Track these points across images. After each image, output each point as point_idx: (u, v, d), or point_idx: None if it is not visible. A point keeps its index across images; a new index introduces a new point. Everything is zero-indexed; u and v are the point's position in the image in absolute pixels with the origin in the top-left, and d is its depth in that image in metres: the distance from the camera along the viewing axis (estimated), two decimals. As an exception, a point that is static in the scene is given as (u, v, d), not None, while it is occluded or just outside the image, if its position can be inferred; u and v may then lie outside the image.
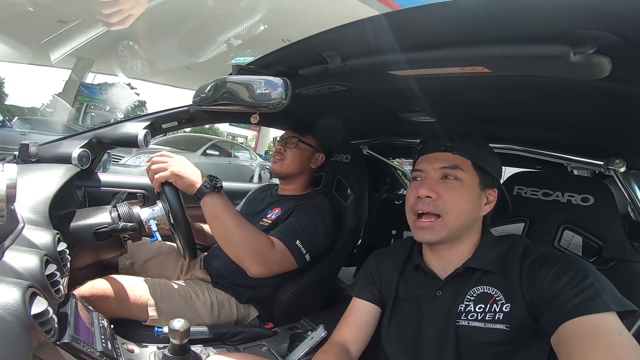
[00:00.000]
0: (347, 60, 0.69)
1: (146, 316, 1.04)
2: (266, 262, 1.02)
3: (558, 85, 0.69)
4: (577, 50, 0.47)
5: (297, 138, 1.34)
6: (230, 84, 0.80)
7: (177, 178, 0.97)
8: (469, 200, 0.76)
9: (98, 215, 1.01)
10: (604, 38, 0.44)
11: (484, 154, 0.80)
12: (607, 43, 0.45)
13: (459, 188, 0.76)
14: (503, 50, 0.50)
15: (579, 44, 0.46)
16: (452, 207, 0.75)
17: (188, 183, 0.97)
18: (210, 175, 1.00)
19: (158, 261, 1.33)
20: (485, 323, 0.70)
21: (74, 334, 0.64)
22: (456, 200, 0.75)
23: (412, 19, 0.52)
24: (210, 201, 0.98)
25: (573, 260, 0.68)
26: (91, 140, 1.26)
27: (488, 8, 0.45)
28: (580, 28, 0.44)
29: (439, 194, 0.75)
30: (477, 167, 0.78)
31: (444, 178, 0.77)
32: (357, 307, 0.88)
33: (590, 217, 0.92)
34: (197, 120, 1.40)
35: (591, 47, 0.46)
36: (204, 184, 0.97)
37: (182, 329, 0.76)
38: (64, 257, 0.76)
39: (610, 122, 0.81)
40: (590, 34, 0.44)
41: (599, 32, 0.44)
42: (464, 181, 0.76)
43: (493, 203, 0.80)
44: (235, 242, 1.00)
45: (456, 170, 0.77)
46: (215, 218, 0.99)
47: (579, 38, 0.46)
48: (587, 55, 0.47)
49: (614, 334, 0.56)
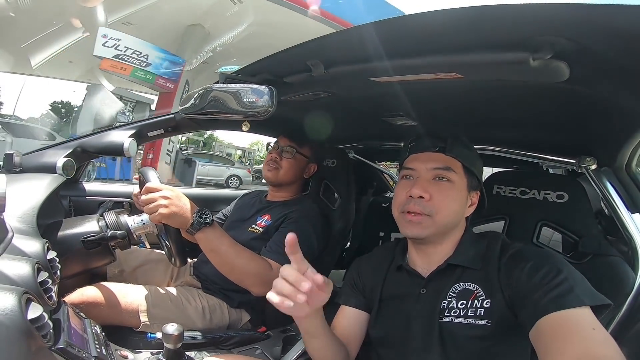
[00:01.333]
0: (330, 68, 0.71)
1: (138, 322, 1.04)
2: (266, 283, 1.02)
3: (528, 88, 0.73)
4: (535, 55, 0.51)
5: (294, 149, 1.35)
6: (217, 92, 0.82)
7: (167, 220, 0.96)
8: (457, 202, 0.78)
9: (86, 224, 1.01)
10: (560, 44, 0.48)
11: (472, 157, 0.83)
12: (563, 48, 0.49)
13: (450, 189, 0.77)
14: (471, 57, 0.54)
15: (536, 50, 0.50)
16: (442, 208, 0.76)
17: (178, 222, 0.96)
18: (199, 211, 0.97)
19: (147, 268, 1.32)
20: (468, 319, 0.71)
21: (69, 339, 0.64)
22: (447, 201, 0.77)
23: (389, 29, 0.55)
24: (203, 236, 0.98)
25: (547, 255, 0.70)
26: (75, 149, 1.25)
27: (457, 19, 0.48)
28: (537, 35, 0.48)
29: (431, 194, 0.76)
30: (466, 170, 0.80)
31: (436, 179, 0.78)
32: (345, 313, 0.89)
33: (566, 214, 0.97)
34: (183, 128, 1.41)
35: (548, 52, 0.50)
36: (194, 222, 0.96)
37: (176, 333, 0.77)
38: (54, 265, 0.76)
39: (579, 122, 0.86)
40: (547, 40, 0.49)
41: (555, 39, 0.48)
42: (455, 183, 0.78)
43: (475, 205, 0.83)
44: (234, 269, 1.03)
45: (449, 171, 0.78)
46: (210, 250, 1.01)
47: (536, 44, 0.50)
48: (545, 60, 0.51)
49: (588, 329, 0.57)
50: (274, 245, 1.14)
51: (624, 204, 0.92)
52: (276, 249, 1.12)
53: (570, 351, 0.55)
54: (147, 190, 0.96)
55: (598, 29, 0.45)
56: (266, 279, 1.04)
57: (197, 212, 0.97)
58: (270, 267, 1.07)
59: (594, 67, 0.55)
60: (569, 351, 0.55)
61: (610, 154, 0.90)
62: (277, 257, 1.10)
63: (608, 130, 0.84)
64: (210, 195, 2.04)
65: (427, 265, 0.81)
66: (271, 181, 1.37)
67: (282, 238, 1.15)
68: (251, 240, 1.26)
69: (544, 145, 1.08)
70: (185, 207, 0.96)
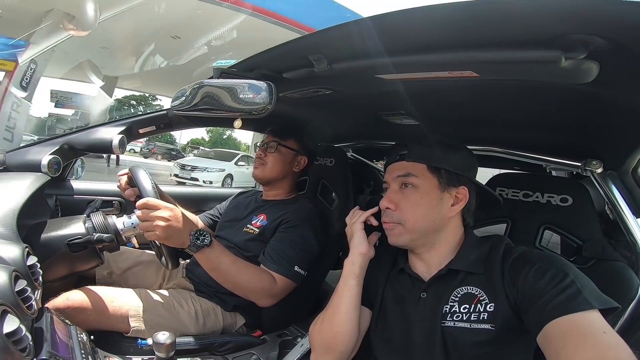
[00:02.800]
0: (334, 64, 0.68)
1: (128, 327, 1.00)
2: (272, 295, 1.07)
3: (539, 88, 0.71)
4: (568, 55, 0.47)
5: (276, 142, 1.32)
6: (211, 88, 0.77)
7: (162, 240, 0.94)
8: (425, 205, 0.77)
9: (71, 226, 0.96)
10: (594, 43, 0.45)
11: (438, 155, 0.80)
12: (597, 48, 0.46)
13: (414, 194, 0.78)
14: (493, 54, 0.50)
15: (570, 49, 0.47)
16: (408, 215, 0.77)
17: (174, 244, 0.95)
18: (196, 232, 0.95)
19: (138, 271, 1.28)
20: (471, 323, 0.70)
21: (52, 349, 0.61)
22: (412, 207, 0.77)
23: (401, 22, 0.51)
24: (202, 256, 0.98)
25: (553, 258, 0.69)
26: (62, 146, 1.20)
27: (479, 12, 0.45)
28: (572, 33, 0.45)
29: (397, 203, 0.78)
30: (433, 169, 0.78)
31: (403, 187, 0.80)
32: None
33: (570, 217, 0.95)
34: (176, 125, 1.36)
35: (582, 52, 0.47)
36: (190, 246, 0.95)
37: (168, 342, 0.73)
38: (35, 271, 0.72)
39: (589, 125, 0.84)
40: (581, 39, 0.45)
41: (590, 37, 0.44)
42: (419, 187, 0.78)
43: (464, 201, 0.79)
44: (237, 286, 1.04)
45: (409, 177, 0.78)
46: (211, 269, 1.01)
47: (570, 43, 0.46)
48: (578, 60, 0.48)
49: (599, 332, 0.57)
50: (275, 254, 1.13)
51: (629, 208, 0.91)
52: (278, 260, 1.12)
53: (582, 355, 0.55)
54: (146, 206, 0.92)
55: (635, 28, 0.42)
56: (271, 292, 1.07)
57: (193, 234, 0.95)
58: (274, 280, 1.08)
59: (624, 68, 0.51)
60: (580, 355, 0.55)
61: (618, 158, 0.88)
62: (279, 268, 1.10)
63: (619, 133, 0.81)
64: (202, 194, 1.98)
65: (426, 269, 0.80)
66: (259, 178, 1.34)
67: (282, 246, 1.15)
68: (247, 241, 1.23)
69: (549, 147, 1.06)
70: (182, 229, 0.94)
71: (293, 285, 1.12)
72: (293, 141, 1.35)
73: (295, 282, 1.13)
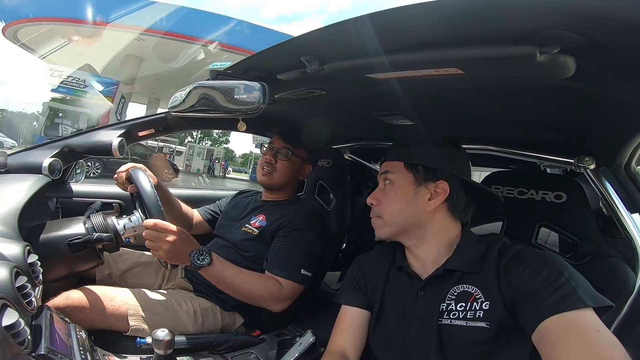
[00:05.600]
0: (325, 64, 0.69)
1: (127, 326, 1.00)
2: (281, 300, 1.10)
3: (527, 86, 0.72)
4: (542, 50, 0.48)
5: (289, 150, 1.32)
6: (207, 89, 0.79)
7: (166, 259, 0.98)
8: (400, 199, 0.81)
9: (71, 227, 0.97)
10: (568, 38, 0.46)
11: (416, 152, 0.83)
12: (571, 43, 0.47)
13: (391, 190, 0.83)
14: (474, 51, 0.52)
15: (544, 44, 0.48)
16: (385, 209, 0.83)
17: (177, 262, 1.00)
18: (196, 253, 0.99)
19: (138, 271, 1.28)
20: (467, 321, 0.71)
21: (50, 345, 0.62)
22: (387, 201, 0.83)
23: (388, 21, 0.53)
24: (205, 273, 1.02)
25: (548, 257, 0.70)
26: (62, 149, 1.21)
27: (458, 9, 0.46)
28: (545, 28, 0.46)
29: (379, 199, 0.85)
30: (410, 166, 0.82)
31: (384, 184, 0.86)
32: (348, 313, 0.89)
33: (564, 214, 0.96)
34: (175, 128, 1.38)
35: (556, 46, 0.48)
36: (191, 266, 0.99)
37: (167, 339, 0.74)
38: (35, 268, 0.73)
39: (579, 121, 0.85)
40: (555, 34, 0.46)
41: (563, 32, 0.46)
42: (395, 182, 0.83)
43: (443, 195, 0.79)
44: (245, 295, 1.07)
45: (387, 174, 0.85)
46: (217, 283, 1.05)
47: (543, 38, 0.48)
48: (552, 54, 0.49)
49: (593, 331, 0.57)
50: (280, 260, 1.15)
51: (623, 204, 0.92)
52: (282, 265, 1.14)
53: (576, 354, 0.55)
54: (155, 228, 0.95)
55: (608, 23, 0.43)
56: (279, 297, 1.10)
57: (193, 256, 0.99)
58: (280, 284, 1.11)
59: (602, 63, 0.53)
60: (574, 354, 0.55)
61: (610, 154, 0.89)
62: (283, 273, 1.12)
63: (609, 129, 0.82)
64: (201, 195, 1.99)
65: (422, 267, 0.81)
66: (266, 185, 1.34)
67: (286, 250, 1.16)
68: (245, 241, 1.24)
69: (543, 145, 1.07)
70: (185, 251, 0.99)
71: (301, 288, 1.14)
72: (304, 149, 1.35)
73: (303, 285, 1.14)
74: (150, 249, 0.96)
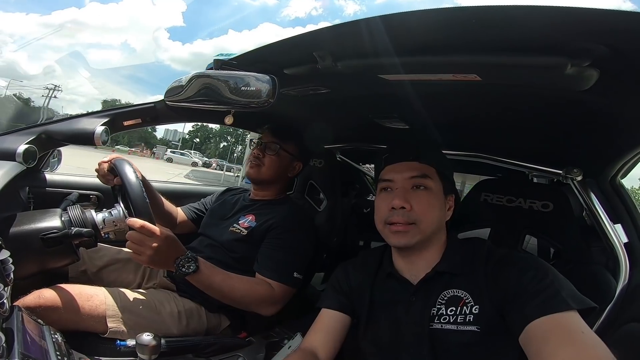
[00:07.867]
0: (339, 61, 0.67)
1: (105, 328, 0.94)
2: (272, 303, 1.07)
3: (529, 95, 0.73)
4: (574, 62, 0.49)
5: (278, 145, 1.29)
6: (211, 80, 0.75)
7: (150, 265, 0.93)
8: (437, 208, 0.79)
9: (46, 219, 0.90)
10: (598, 50, 0.47)
11: (445, 161, 0.84)
12: (600, 55, 0.48)
13: (429, 196, 0.78)
14: (500, 59, 0.52)
15: (576, 56, 0.49)
16: (425, 216, 0.77)
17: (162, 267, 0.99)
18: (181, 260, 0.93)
19: (115, 269, 1.21)
20: (458, 325, 0.71)
21: (24, 351, 0.56)
22: (428, 208, 0.77)
23: (410, 23, 0.52)
24: (191, 279, 0.97)
25: (533, 260, 0.72)
26: (40, 135, 1.11)
27: (488, 16, 0.46)
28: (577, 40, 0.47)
29: (412, 204, 0.77)
30: (441, 175, 0.81)
31: (415, 187, 0.79)
32: (326, 315, 0.88)
33: (550, 223, 0.99)
34: (163, 119, 1.31)
35: (587, 59, 0.49)
36: (176, 273, 0.95)
37: (152, 344, 0.70)
38: (7, 266, 0.67)
39: (573, 133, 0.88)
40: (586, 47, 0.47)
41: (594, 45, 0.47)
42: (433, 189, 0.79)
43: (452, 208, 0.84)
44: (234, 300, 1.03)
45: (425, 179, 0.79)
46: (204, 289, 1.00)
47: (576, 50, 0.48)
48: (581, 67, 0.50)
49: (578, 332, 0.58)
50: (271, 262, 1.12)
51: (606, 214, 0.96)
52: (274, 267, 1.11)
53: (562, 355, 0.56)
54: (141, 230, 0.88)
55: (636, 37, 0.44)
56: (271, 301, 1.06)
57: (178, 263, 0.93)
58: (271, 288, 1.08)
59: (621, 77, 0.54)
60: (560, 355, 0.56)
61: (598, 166, 0.93)
62: (276, 275, 1.10)
63: (602, 142, 0.86)
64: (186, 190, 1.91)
65: (414, 272, 0.81)
66: (253, 178, 1.31)
67: (278, 253, 1.13)
68: (233, 242, 1.20)
69: (533, 155, 1.10)
70: (171, 258, 0.93)
71: (293, 291, 1.12)
72: (293, 145, 1.32)
73: (295, 288, 1.12)
74: (133, 252, 0.90)
